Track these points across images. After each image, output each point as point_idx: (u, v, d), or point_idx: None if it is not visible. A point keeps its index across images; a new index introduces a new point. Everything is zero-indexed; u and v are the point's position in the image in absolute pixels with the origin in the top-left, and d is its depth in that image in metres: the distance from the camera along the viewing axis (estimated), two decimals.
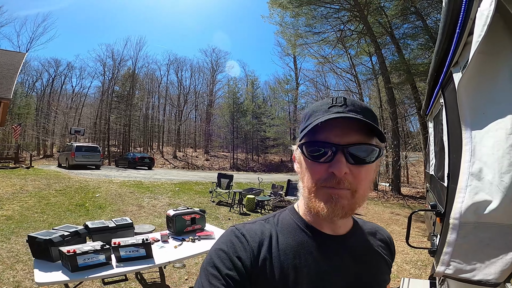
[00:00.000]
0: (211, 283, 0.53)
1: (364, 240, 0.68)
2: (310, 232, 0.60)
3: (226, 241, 0.58)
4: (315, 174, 0.55)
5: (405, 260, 4.25)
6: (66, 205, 7.07)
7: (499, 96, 0.84)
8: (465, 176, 0.88)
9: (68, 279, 2.04)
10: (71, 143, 17.43)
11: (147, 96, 36.18)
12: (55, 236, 2.26)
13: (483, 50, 0.89)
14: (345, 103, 0.56)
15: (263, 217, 0.66)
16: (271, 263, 0.56)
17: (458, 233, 0.92)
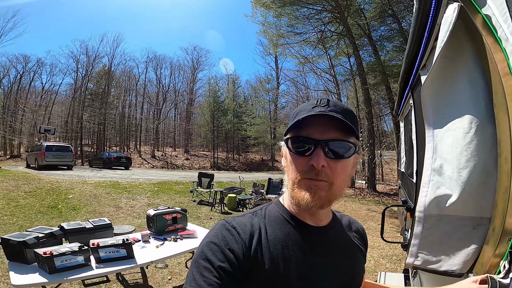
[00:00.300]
0: (204, 275, 0.54)
1: (343, 232, 0.73)
2: (296, 224, 0.64)
3: (217, 234, 0.59)
4: (298, 166, 0.60)
5: (381, 255, 4.46)
6: (37, 207, 6.72)
7: (458, 98, 0.93)
8: (428, 172, 0.95)
9: (46, 281, 1.99)
10: (41, 142, 16.49)
11: (124, 94, 34.90)
12: (29, 238, 2.18)
13: (446, 55, 0.98)
14: (328, 104, 0.61)
15: (251, 211, 0.69)
16: (262, 255, 0.59)
17: (423, 226, 0.99)
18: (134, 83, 36.41)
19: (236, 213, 5.52)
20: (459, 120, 0.90)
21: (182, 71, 37.64)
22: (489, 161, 0.87)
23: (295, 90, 28.24)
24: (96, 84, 31.02)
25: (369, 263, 4.13)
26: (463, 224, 0.94)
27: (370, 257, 4.30)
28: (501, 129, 0.78)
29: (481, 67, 0.89)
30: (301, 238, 0.63)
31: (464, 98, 0.91)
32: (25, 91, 32.35)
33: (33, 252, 2.14)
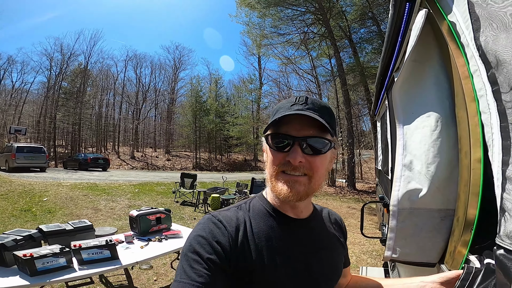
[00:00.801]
0: (193, 267, 0.55)
1: (323, 223, 0.76)
2: (278, 216, 0.67)
3: (205, 228, 0.61)
4: (276, 161, 0.63)
5: (362, 251, 4.65)
6: (10, 211, 6.38)
7: (425, 98, 1.01)
8: (399, 167, 1.03)
9: (28, 283, 1.94)
10: (11, 143, 15.59)
11: (101, 93, 33.62)
12: (7, 241, 2.11)
13: (415, 58, 1.07)
14: (306, 102, 0.63)
15: (236, 205, 0.71)
16: (248, 246, 0.61)
17: (397, 219, 1.05)
18: (112, 82, 35.21)
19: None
20: (427, 118, 0.98)
21: (163, 70, 36.89)
22: (453, 156, 0.94)
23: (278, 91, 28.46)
24: (71, 82, 29.64)
25: (351, 259, 4.22)
26: (433, 216, 1.00)
27: (352, 253, 4.47)
28: (461, 126, 0.87)
29: (446, 70, 0.99)
30: (283, 231, 0.66)
31: (431, 98, 0.99)
32: None
33: (12, 255, 2.07)
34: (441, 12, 0.91)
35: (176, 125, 33.74)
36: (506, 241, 0.48)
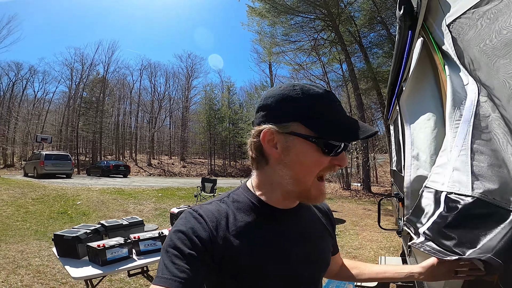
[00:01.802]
0: (174, 262, 0.55)
1: (309, 212, 0.76)
2: (264, 209, 0.65)
3: (185, 223, 0.60)
4: (320, 164, 0.59)
5: (380, 247, 4.91)
6: (47, 213, 6.95)
7: (425, 105, 1.34)
8: (409, 158, 1.33)
9: (101, 272, 2.23)
10: (39, 151, 16.57)
11: (118, 102, 34.94)
12: (81, 234, 2.48)
13: (415, 75, 1.41)
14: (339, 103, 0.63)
15: (218, 198, 0.69)
16: (231, 240, 0.60)
17: (410, 199, 1.32)
18: (128, 91, 36.49)
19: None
20: (427, 121, 1.31)
21: (177, 79, 37.90)
22: None
23: None
24: (90, 92, 30.96)
25: (369, 253, 4.55)
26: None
27: (370, 249, 4.73)
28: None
29: (438, 85, 1.32)
30: (269, 222, 0.65)
31: (429, 106, 1.32)
32: (18, 100, 32.03)
33: (85, 246, 2.42)
34: (433, 41, 1.19)
35: (191, 133, 34.48)
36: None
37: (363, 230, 6.10)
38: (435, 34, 1.12)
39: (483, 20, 0.76)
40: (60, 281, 3.40)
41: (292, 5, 15.32)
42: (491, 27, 0.72)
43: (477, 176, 0.79)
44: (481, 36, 0.76)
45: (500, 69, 0.67)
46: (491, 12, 0.72)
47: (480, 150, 0.81)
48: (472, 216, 0.78)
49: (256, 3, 16.20)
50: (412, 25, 1.31)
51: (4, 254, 4.18)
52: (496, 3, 0.70)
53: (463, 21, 0.84)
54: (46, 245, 4.67)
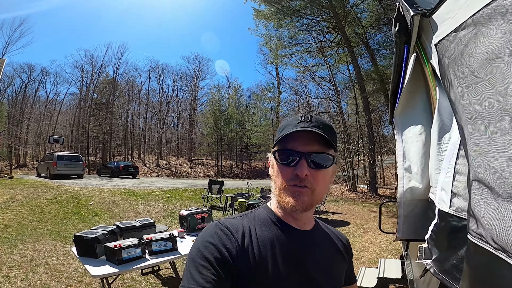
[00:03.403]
0: (201, 272, 0.57)
1: (326, 237, 0.80)
2: (281, 226, 0.71)
3: (212, 234, 0.64)
4: (284, 175, 0.67)
5: (382, 249, 4.98)
6: (61, 213, 7.21)
7: (417, 119, 1.42)
8: (401, 170, 1.43)
9: (118, 270, 2.40)
10: (52, 152, 17.03)
11: (128, 104, 35.50)
12: (99, 234, 2.65)
13: (409, 89, 1.49)
14: (311, 120, 0.68)
15: (241, 214, 0.75)
16: (253, 253, 0.64)
17: (403, 208, 1.43)
18: (136, 93, 36.93)
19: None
20: (419, 135, 1.39)
21: (184, 80, 38.21)
22: None
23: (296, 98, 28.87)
24: (100, 93, 31.50)
25: (371, 256, 4.64)
26: (425, 204, 1.37)
27: (373, 251, 4.82)
28: None
29: (429, 99, 1.41)
30: (286, 239, 0.69)
31: (421, 120, 1.40)
32: (30, 101, 32.75)
33: (103, 247, 2.60)
34: (424, 58, 1.26)
35: (198, 134, 34.78)
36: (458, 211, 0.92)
37: (367, 233, 6.16)
38: (427, 51, 1.18)
39: (458, 45, 0.79)
40: (76, 279, 3.58)
41: (297, 7, 15.41)
42: (463, 52, 0.77)
43: (456, 195, 0.91)
44: (455, 60, 0.81)
45: (464, 95, 0.73)
46: (464, 38, 0.76)
47: (461, 171, 0.93)
48: (449, 227, 0.91)
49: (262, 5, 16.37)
50: (407, 41, 1.38)
51: (22, 253, 4.40)
52: (470, 31, 0.74)
53: (445, 43, 0.89)
54: (61, 245, 4.89)
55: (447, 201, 0.95)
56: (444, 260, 0.98)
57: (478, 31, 0.65)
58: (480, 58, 0.63)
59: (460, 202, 0.89)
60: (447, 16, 0.84)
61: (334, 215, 8.07)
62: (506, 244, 0.52)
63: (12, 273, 3.65)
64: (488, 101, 0.61)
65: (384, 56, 15.19)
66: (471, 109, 0.68)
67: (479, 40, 0.64)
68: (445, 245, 0.99)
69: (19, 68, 31.41)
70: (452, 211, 0.93)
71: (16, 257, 4.23)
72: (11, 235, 5.33)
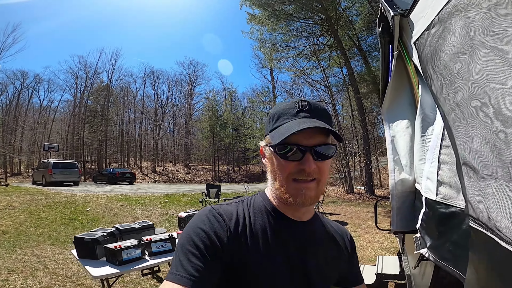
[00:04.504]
0: (191, 260, 0.56)
1: (323, 229, 0.78)
2: (277, 216, 0.69)
3: (204, 220, 0.62)
4: (286, 169, 0.63)
5: (380, 248, 5.07)
6: (59, 219, 7.17)
7: (403, 114, 1.50)
8: (391, 163, 1.49)
9: (118, 271, 2.43)
10: (47, 160, 16.92)
11: (123, 110, 35.30)
12: (99, 236, 2.69)
13: (394, 86, 1.58)
14: (309, 107, 0.66)
15: (237, 200, 0.73)
16: (245, 241, 0.63)
17: (395, 200, 1.48)
18: (131, 99, 36.63)
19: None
20: (406, 129, 1.47)
21: (179, 86, 38.11)
22: None
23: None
24: (95, 100, 31.15)
25: (369, 254, 4.71)
26: (412, 195, 1.42)
27: (371, 249, 4.89)
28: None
29: (413, 95, 1.49)
30: (281, 229, 0.68)
31: (407, 115, 1.48)
32: (24, 108, 32.28)
33: (103, 248, 2.62)
34: (406, 56, 1.33)
35: (194, 139, 34.68)
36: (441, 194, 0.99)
37: (365, 232, 6.24)
38: (409, 50, 1.25)
39: (432, 42, 0.83)
40: (76, 282, 3.59)
41: (291, 11, 15.65)
42: (436, 49, 0.81)
43: (441, 183, 0.98)
44: (432, 56, 0.84)
45: (443, 88, 0.78)
46: (435, 35, 0.80)
47: (445, 161, 0.99)
48: (438, 214, 0.98)
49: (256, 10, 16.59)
50: (391, 41, 1.45)
51: (20, 258, 4.39)
52: (438, 28, 0.79)
53: (422, 40, 0.93)
54: (60, 250, 4.88)
55: (434, 189, 1.01)
56: (440, 246, 1.02)
57: (444, 28, 0.71)
58: (449, 52, 0.69)
59: (446, 190, 0.95)
60: (420, 15, 0.91)
61: (331, 216, 8.11)
62: (490, 221, 0.54)
63: (12, 277, 3.65)
64: (461, 91, 0.66)
65: (376, 58, 15.36)
66: (451, 100, 0.73)
67: (446, 36, 0.70)
68: (436, 232, 1.04)
69: (13, 75, 30.98)
70: (439, 199, 0.98)
71: (14, 262, 4.21)
72: (9, 241, 5.30)
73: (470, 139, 0.63)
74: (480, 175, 0.59)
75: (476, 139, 0.61)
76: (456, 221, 0.87)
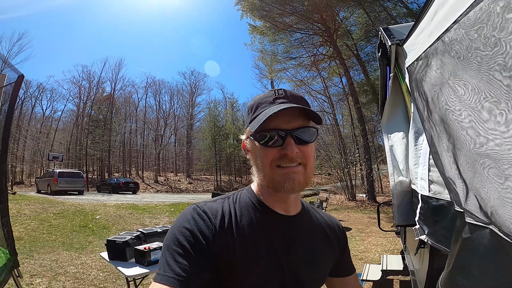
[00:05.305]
0: (177, 261, 0.55)
1: (312, 223, 0.75)
2: (265, 211, 0.67)
3: (189, 219, 0.61)
4: (269, 157, 0.62)
5: (384, 250, 5.32)
6: (70, 227, 7.36)
7: (399, 127, 1.79)
8: (391, 168, 1.77)
9: (148, 270, 2.63)
10: (53, 169, 17.16)
11: (125, 120, 35.51)
12: (128, 239, 2.91)
13: (391, 103, 1.87)
14: (286, 94, 0.65)
15: (223, 196, 0.71)
16: (232, 239, 0.61)
17: (395, 198, 1.76)
18: (133, 109, 36.75)
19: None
20: (402, 140, 1.76)
21: (181, 96, 38.16)
22: None
23: None
24: (98, 110, 31.35)
25: (374, 255, 4.93)
26: (409, 195, 1.68)
27: (375, 251, 5.13)
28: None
29: (407, 111, 1.78)
30: (268, 224, 0.66)
31: (403, 127, 1.78)
32: (27, 118, 32.39)
33: (132, 250, 2.85)
34: (400, 78, 1.58)
35: (195, 150, 34.73)
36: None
37: (368, 236, 6.45)
38: (403, 72, 1.47)
39: (418, 71, 0.95)
40: (98, 286, 3.79)
41: (291, 22, 16.17)
42: (421, 77, 0.95)
43: (432, 182, 1.25)
44: (417, 82, 0.97)
45: (425, 109, 0.95)
46: (421, 67, 0.92)
47: (437, 165, 1.26)
48: (431, 207, 1.24)
49: (257, 21, 17.13)
50: (388, 63, 1.71)
51: (39, 263, 4.58)
52: (423, 62, 0.92)
53: (411, 68, 1.05)
54: (76, 255, 5.07)
55: (426, 187, 1.28)
56: (435, 232, 1.24)
57: (427, 63, 0.87)
58: (428, 82, 0.86)
59: (435, 187, 1.22)
60: (412, 48, 1.12)
61: None
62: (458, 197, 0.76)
63: (36, 281, 3.84)
64: (434, 113, 0.86)
65: (375, 67, 15.65)
66: (431, 119, 0.89)
67: (427, 70, 0.86)
68: (431, 221, 1.31)
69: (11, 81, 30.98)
70: (431, 194, 1.25)
71: (34, 266, 4.39)
72: (24, 247, 5.48)
73: (442, 148, 0.86)
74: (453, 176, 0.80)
75: (444, 147, 0.84)
76: (445, 210, 1.13)
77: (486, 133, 0.56)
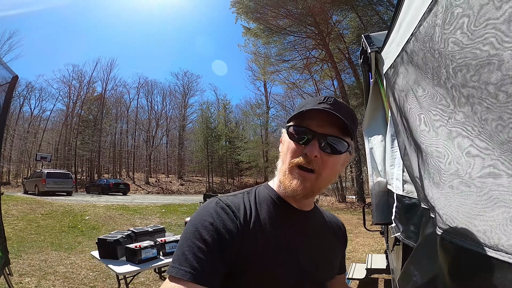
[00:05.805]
0: (197, 255, 0.54)
1: (323, 220, 0.80)
2: (283, 205, 0.69)
3: (212, 213, 0.60)
4: (293, 152, 0.64)
5: (371, 250, 5.48)
6: (58, 227, 7.27)
7: (378, 130, 1.89)
8: (370, 169, 1.88)
9: (139, 268, 2.70)
10: (41, 169, 16.83)
11: (116, 121, 34.99)
12: (120, 237, 2.95)
13: (371, 107, 1.99)
14: (333, 102, 0.65)
15: (242, 191, 0.72)
16: (254, 232, 0.62)
17: (374, 198, 1.86)
18: (125, 110, 36.12)
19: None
20: (381, 142, 1.87)
21: (173, 97, 37.64)
22: None
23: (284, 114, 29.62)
24: (88, 110, 30.88)
25: (361, 255, 5.06)
26: (386, 195, 1.79)
27: (362, 251, 5.27)
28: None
29: (385, 114, 1.89)
30: (288, 219, 0.68)
31: (381, 131, 1.88)
32: (14, 117, 31.63)
33: (123, 248, 2.88)
34: (380, 83, 1.68)
35: (187, 151, 34.46)
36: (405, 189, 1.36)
37: (356, 237, 6.60)
38: (382, 78, 1.55)
39: (391, 78, 1.07)
40: (88, 285, 3.79)
41: (284, 25, 16.38)
42: (392, 83, 1.04)
43: (405, 182, 1.36)
44: (391, 87, 1.09)
45: (397, 112, 1.07)
46: (393, 74, 1.03)
47: (406, 165, 1.37)
48: (404, 205, 1.35)
49: (252, 24, 17.30)
50: (369, 69, 1.84)
51: (28, 263, 4.53)
52: (394, 69, 1.01)
53: (387, 75, 1.18)
54: (65, 255, 5.04)
55: (401, 187, 1.39)
56: (406, 230, 1.33)
57: (396, 70, 0.98)
58: (397, 89, 0.97)
59: (408, 186, 1.33)
60: (387, 56, 1.23)
61: None
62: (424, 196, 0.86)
63: (25, 280, 3.82)
64: (403, 117, 0.97)
65: None
66: (403, 123, 1.04)
67: (396, 77, 0.97)
68: (404, 218, 1.41)
69: (4, 82, 30.36)
70: (404, 193, 1.35)
71: (23, 266, 4.35)
72: (13, 247, 5.38)
73: (412, 150, 0.95)
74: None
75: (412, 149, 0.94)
76: (415, 208, 1.23)
77: (425, 137, 0.65)
